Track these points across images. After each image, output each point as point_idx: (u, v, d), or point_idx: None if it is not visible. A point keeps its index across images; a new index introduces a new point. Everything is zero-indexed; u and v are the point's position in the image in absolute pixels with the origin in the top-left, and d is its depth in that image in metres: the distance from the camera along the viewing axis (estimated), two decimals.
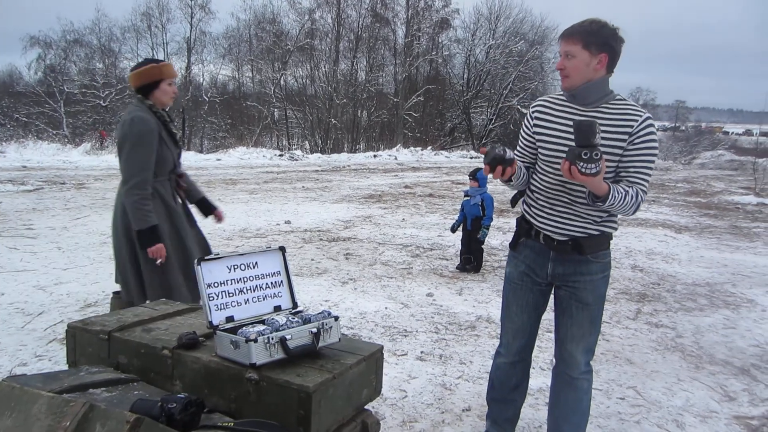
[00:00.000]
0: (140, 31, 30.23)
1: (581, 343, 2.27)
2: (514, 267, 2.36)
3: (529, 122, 2.27)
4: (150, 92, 2.92)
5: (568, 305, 2.25)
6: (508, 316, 2.42)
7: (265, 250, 1.94)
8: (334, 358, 1.73)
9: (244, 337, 1.58)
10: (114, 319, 2.03)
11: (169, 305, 2.26)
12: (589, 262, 2.19)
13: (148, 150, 2.82)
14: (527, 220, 2.30)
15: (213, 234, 7.26)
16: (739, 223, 10.42)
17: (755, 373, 3.62)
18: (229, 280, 1.82)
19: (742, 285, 5.83)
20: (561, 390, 2.36)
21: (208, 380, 1.68)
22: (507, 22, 35.30)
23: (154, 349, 1.79)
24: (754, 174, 17.95)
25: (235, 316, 1.80)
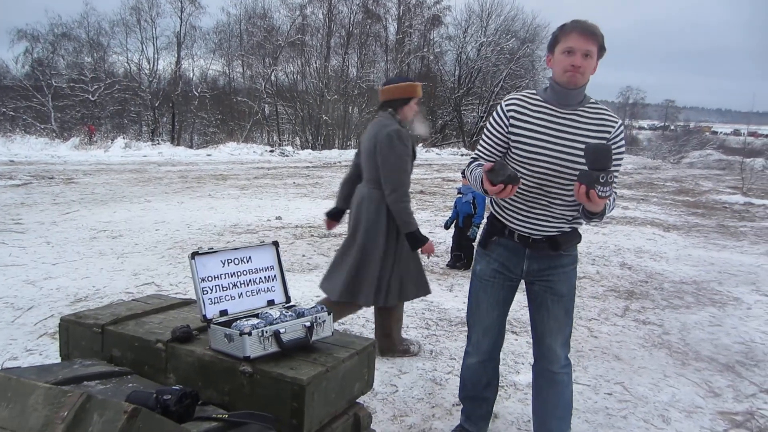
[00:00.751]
0: (129, 25, 30.01)
1: (559, 336, 2.30)
2: (486, 264, 2.34)
3: (504, 120, 2.17)
4: (399, 107, 3.18)
5: (544, 299, 2.28)
6: (477, 315, 2.41)
7: (258, 244, 1.96)
8: (327, 352, 1.75)
9: (239, 331, 1.60)
10: (107, 313, 2.04)
11: (162, 299, 2.27)
12: (561, 255, 2.24)
13: (409, 160, 3.15)
14: (499, 221, 2.28)
15: (203, 230, 7.26)
16: (726, 222, 10.54)
17: (740, 370, 3.68)
18: (222, 275, 1.83)
19: (728, 283, 5.92)
20: (543, 387, 2.39)
21: (201, 373, 1.69)
22: (498, 20, 35.42)
23: (148, 342, 1.80)
24: (741, 174, 18.14)
25: (229, 310, 1.81)
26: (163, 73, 31.54)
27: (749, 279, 6.13)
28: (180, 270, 5.35)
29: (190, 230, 7.22)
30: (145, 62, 30.66)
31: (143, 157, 18.23)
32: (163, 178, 12.78)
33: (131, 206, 8.85)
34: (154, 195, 10.12)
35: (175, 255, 5.91)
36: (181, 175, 13.69)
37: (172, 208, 8.79)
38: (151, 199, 9.59)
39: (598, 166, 1.85)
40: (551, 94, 2.14)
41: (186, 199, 9.76)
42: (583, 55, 2.02)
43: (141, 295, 4.54)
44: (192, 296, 4.35)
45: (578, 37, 2.02)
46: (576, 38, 2.02)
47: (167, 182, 12.12)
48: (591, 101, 2.17)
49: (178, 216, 8.15)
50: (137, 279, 5.03)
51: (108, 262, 5.57)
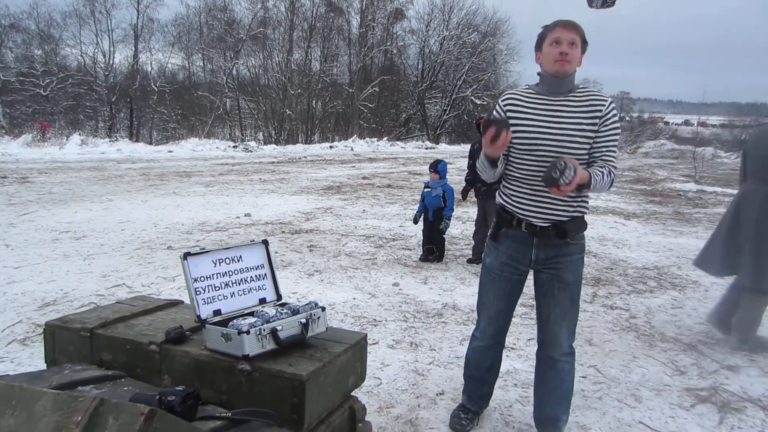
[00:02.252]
0: (83, 16, 29.03)
1: (564, 323, 2.40)
2: (496, 258, 2.45)
3: (502, 115, 2.34)
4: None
5: (550, 287, 2.38)
6: (485, 304, 2.53)
7: (248, 243, 1.97)
8: (322, 347, 1.78)
9: (237, 330, 1.61)
10: (94, 317, 2.02)
11: (147, 301, 2.26)
12: (569, 244, 2.34)
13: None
14: (508, 211, 2.39)
15: (171, 228, 7.15)
16: (681, 209, 10.95)
17: (702, 349, 3.87)
18: (214, 274, 1.84)
19: (686, 267, 6.16)
20: (544, 372, 2.50)
21: (198, 373, 1.70)
22: (460, 14, 35.80)
23: (141, 345, 1.79)
24: (693, 162, 18.81)
25: (222, 310, 1.82)
26: (120, 67, 30.67)
27: None
28: (151, 270, 5.27)
29: (158, 229, 7.10)
30: (101, 55, 29.74)
31: (101, 154, 17.75)
32: (124, 176, 12.48)
33: (93, 205, 8.63)
34: (116, 194, 9.89)
35: (144, 255, 5.81)
36: (143, 172, 13.39)
37: (137, 207, 8.62)
38: (113, 198, 9.37)
39: (548, 174, 2.07)
40: (543, 86, 2.33)
41: (150, 198, 9.57)
42: (569, 43, 2.22)
43: (113, 297, 4.47)
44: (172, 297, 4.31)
45: (562, 29, 2.23)
46: (560, 30, 2.23)
47: (129, 180, 11.84)
48: (580, 86, 2.33)
49: (143, 215, 8.00)
50: (107, 281, 4.93)
51: (74, 264, 5.44)
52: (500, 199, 2.47)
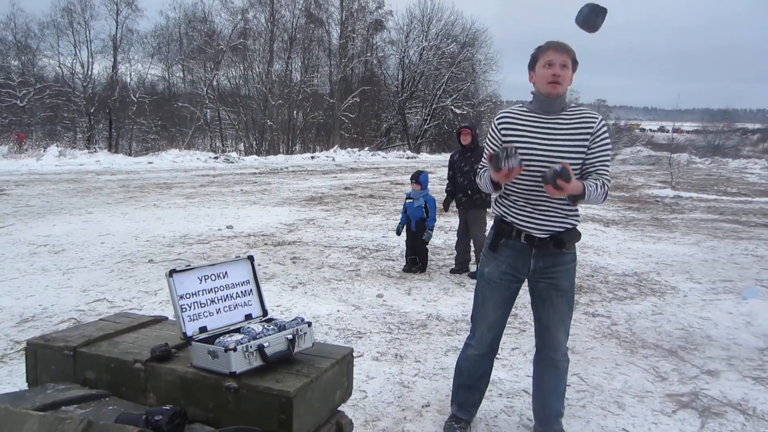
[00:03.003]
0: (61, 27, 28.67)
1: (562, 327, 2.55)
2: (495, 267, 2.53)
3: (497, 134, 2.46)
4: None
5: (548, 295, 2.49)
6: (482, 313, 2.60)
7: (234, 259, 1.97)
8: (309, 363, 1.78)
9: (223, 347, 1.61)
10: (77, 334, 1.99)
11: (131, 318, 2.24)
12: (564, 253, 2.45)
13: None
14: (507, 222, 2.48)
15: (152, 241, 7.08)
16: (659, 215, 11.15)
17: (682, 354, 3.94)
18: (200, 291, 1.83)
19: (665, 273, 6.28)
20: (544, 371, 2.63)
21: (184, 391, 1.69)
22: (439, 25, 36.15)
23: (126, 363, 1.78)
24: (670, 169, 19.16)
25: (208, 326, 1.81)
26: (99, 78, 30.32)
27: (683, 268, 6.53)
28: (132, 284, 5.21)
29: (138, 242, 7.02)
30: (79, 66, 29.39)
31: (80, 165, 17.52)
32: (104, 188, 12.34)
33: (71, 218, 8.51)
34: (95, 206, 9.77)
35: (125, 269, 5.75)
36: (123, 184, 13.25)
37: (116, 220, 8.52)
38: (92, 211, 9.25)
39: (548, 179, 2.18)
40: (536, 105, 2.43)
41: (130, 210, 9.47)
42: (561, 65, 2.33)
43: (93, 312, 4.41)
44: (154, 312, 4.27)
45: (554, 52, 2.34)
46: (553, 53, 2.34)
47: (108, 192, 11.71)
48: (572, 106, 2.44)
49: (123, 228, 7.91)
50: (87, 296, 4.86)
51: (53, 278, 5.36)
52: (498, 210, 2.55)
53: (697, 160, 34.12)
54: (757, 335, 4.38)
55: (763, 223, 10.44)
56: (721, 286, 5.80)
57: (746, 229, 9.65)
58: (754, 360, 3.90)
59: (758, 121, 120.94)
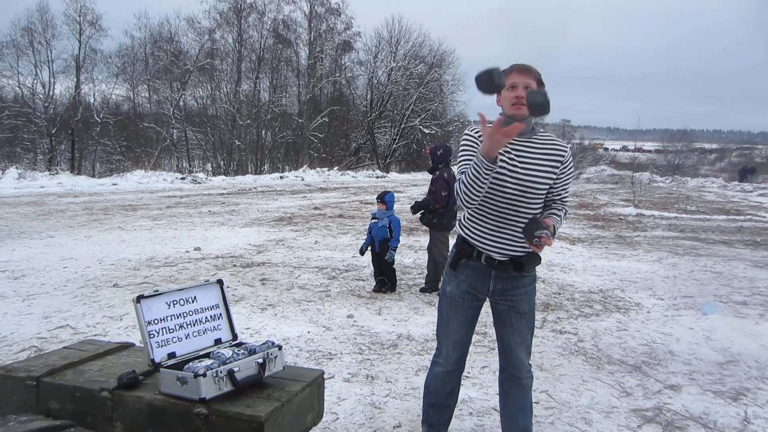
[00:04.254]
0: (21, 47, 28.01)
1: (523, 347, 2.59)
2: (456, 286, 2.56)
3: (475, 140, 2.45)
4: None
5: (508, 317, 2.54)
6: (447, 331, 2.62)
7: (203, 284, 1.96)
8: (280, 387, 1.78)
9: (193, 373, 1.60)
10: (40, 364, 1.95)
11: (97, 345, 2.20)
12: (523, 276, 2.50)
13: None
14: (469, 243, 2.52)
15: (117, 265, 6.93)
16: (623, 233, 11.43)
17: (646, 369, 4.04)
18: (168, 316, 1.82)
19: (629, 290, 6.43)
20: (510, 390, 2.65)
21: (152, 419, 1.67)
22: (407, 46, 36.64)
23: (92, 392, 1.75)
24: (632, 187, 19.70)
25: (177, 352, 1.80)
26: (61, 98, 29.64)
27: (646, 285, 6.70)
28: (96, 310, 5.09)
29: (103, 266, 6.87)
30: (40, 86, 28.73)
31: (40, 188, 17.06)
32: (66, 211, 12.04)
33: (32, 242, 8.28)
34: (57, 229, 9.52)
35: (89, 294, 5.61)
36: (86, 206, 12.96)
37: (80, 243, 8.32)
38: (54, 234, 9.01)
39: (528, 234, 2.26)
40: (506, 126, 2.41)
41: (94, 233, 9.26)
42: (524, 87, 2.35)
43: (56, 339, 4.29)
44: (119, 337, 4.18)
45: (518, 74, 2.38)
46: (516, 75, 2.37)
47: (71, 215, 11.43)
48: (540, 131, 2.50)
49: (86, 251, 7.72)
50: (49, 322, 4.72)
51: (12, 305, 5.19)
52: (461, 230, 2.58)
53: (658, 178, 35.17)
54: (717, 350, 4.52)
55: (721, 240, 10.80)
56: (682, 302, 5.97)
57: (705, 246, 9.96)
58: (713, 374, 4.02)
59: (714, 141, 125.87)
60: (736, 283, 7.00)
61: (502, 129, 2.11)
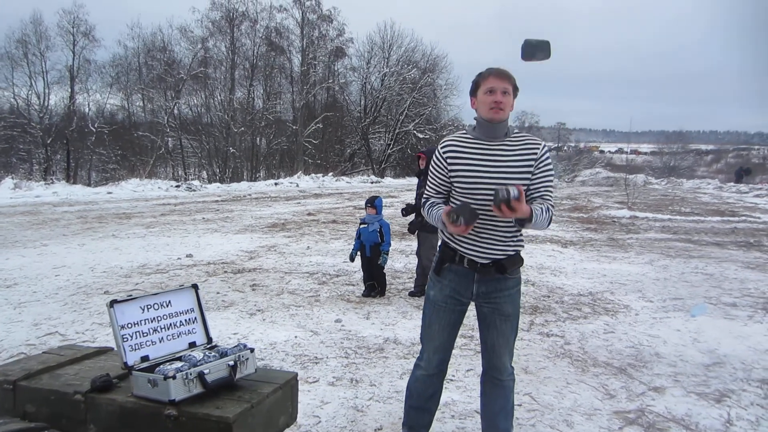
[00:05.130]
0: (15, 59, 28.07)
1: (506, 349, 2.60)
2: (439, 291, 2.59)
3: (442, 162, 2.50)
4: None
5: (492, 320, 2.55)
6: (429, 335, 2.65)
7: (177, 288, 1.99)
8: (251, 389, 1.81)
9: (163, 375, 1.63)
10: (18, 368, 1.98)
11: (75, 350, 2.22)
12: (507, 278, 2.52)
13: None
14: (451, 247, 2.54)
15: (109, 272, 6.94)
16: (615, 235, 11.47)
17: (631, 372, 4.06)
18: (142, 320, 1.85)
19: (618, 292, 6.47)
20: (491, 391, 2.67)
21: (124, 421, 1.70)
22: (400, 51, 36.82)
23: (66, 395, 1.77)
24: (626, 189, 19.76)
25: (150, 355, 1.83)
26: (56, 109, 29.72)
27: (636, 287, 6.74)
28: (86, 317, 5.10)
29: (95, 273, 6.88)
30: (35, 97, 28.77)
31: (36, 197, 17.06)
32: (60, 220, 12.04)
33: (25, 251, 8.29)
34: (50, 238, 9.53)
35: (79, 301, 5.62)
36: (80, 215, 12.96)
37: (72, 251, 8.33)
38: (47, 243, 9.02)
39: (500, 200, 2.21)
40: (480, 131, 2.49)
41: (87, 241, 9.27)
42: (502, 92, 2.40)
43: (44, 346, 4.30)
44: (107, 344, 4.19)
45: (495, 79, 2.41)
46: (494, 80, 2.41)
47: (65, 224, 11.43)
48: (515, 131, 2.52)
49: (79, 259, 7.74)
50: (38, 329, 4.74)
51: (3, 313, 5.21)
52: (443, 236, 2.61)
53: (653, 180, 35.29)
54: (703, 351, 4.55)
55: (714, 242, 10.84)
56: (672, 304, 6.00)
57: (697, 248, 10.00)
58: (698, 376, 4.04)
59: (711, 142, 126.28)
60: (726, 284, 7.04)
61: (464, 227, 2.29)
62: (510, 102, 2.44)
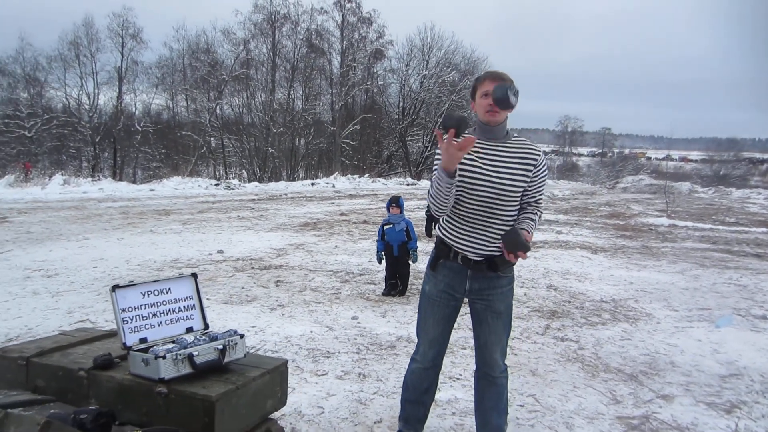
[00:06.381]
0: (68, 60, 29.47)
1: (498, 347, 2.66)
2: (434, 285, 2.68)
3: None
4: None
5: (485, 316, 2.63)
6: (424, 329, 2.74)
7: (177, 276, 2.13)
8: (239, 372, 1.93)
9: (154, 355, 1.77)
10: (33, 346, 2.16)
11: (88, 332, 2.39)
12: (500, 276, 2.59)
13: None
14: (446, 243, 2.63)
15: (143, 265, 7.25)
16: (650, 243, 11.23)
17: (642, 379, 4.03)
18: (142, 305, 1.99)
19: (643, 300, 6.37)
20: (484, 389, 2.74)
21: (121, 396, 1.84)
22: (439, 53, 36.80)
23: (71, 371, 1.93)
24: (666, 197, 19.28)
25: (149, 338, 1.97)
26: (104, 108, 31.07)
27: (662, 296, 6.62)
28: None
29: (129, 266, 7.20)
30: (85, 97, 30.11)
31: (83, 193, 17.82)
32: (103, 215, 12.57)
33: (68, 244, 8.71)
34: (92, 232, 9.98)
35: None
36: (122, 211, 13.50)
37: (112, 245, 8.71)
38: (89, 237, 9.45)
39: (508, 245, 2.41)
40: (480, 133, 2.57)
41: (126, 236, 9.67)
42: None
43: None
44: None
45: (491, 82, 2.47)
46: (490, 83, 2.47)
47: (107, 219, 11.93)
48: (515, 135, 2.61)
49: (117, 252, 8.09)
50: (71, 317, 5.02)
51: (42, 301, 5.53)
52: (440, 232, 2.70)
53: (699, 189, 34.22)
54: (721, 362, 4.46)
55: (754, 253, 10.49)
56: (697, 314, 5.87)
57: (735, 259, 9.71)
58: (712, 386, 3.97)
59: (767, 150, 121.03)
60: (759, 296, 6.83)
61: (457, 143, 2.21)
62: None
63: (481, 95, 2.51)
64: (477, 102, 2.54)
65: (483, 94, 2.49)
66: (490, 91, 2.46)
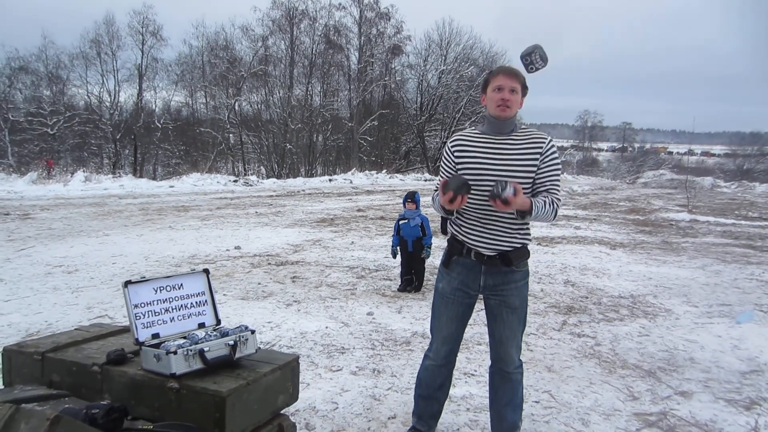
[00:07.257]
0: (89, 58, 29.95)
1: (513, 342, 2.65)
2: (448, 283, 2.67)
3: (450, 156, 2.61)
4: None
5: (499, 312, 2.61)
6: (438, 326, 2.73)
7: (190, 272, 2.15)
8: (250, 368, 1.94)
9: (165, 350, 1.78)
10: (49, 342, 2.19)
11: (102, 327, 2.42)
12: (514, 271, 2.57)
13: None
14: (459, 240, 2.61)
15: (161, 261, 7.33)
16: (670, 238, 11.05)
17: (660, 375, 3.97)
18: (155, 301, 2.01)
19: (662, 296, 6.27)
20: (499, 384, 2.73)
21: (133, 391, 1.86)
22: (457, 49, 36.58)
23: (85, 366, 1.96)
24: (687, 192, 18.98)
25: (161, 333, 1.99)
26: (125, 105, 31.53)
27: (682, 291, 6.51)
28: None
29: (148, 262, 7.29)
30: (106, 95, 30.57)
31: (104, 190, 18.09)
32: (124, 211, 12.75)
33: (89, 240, 8.84)
34: (113, 228, 10.12)
35: None
36: (142, 207, 13.67)
37: (131, 241, 8.83)
38: (109, 233, 9.59)
39: (492, 194, 2.29)
40: (488, 126, 2.58)
41: (146, 232, 9.79)
42: (510, 90, 2.47)
43: None
44: None
45: (504, 77, 2.48)
46: (503, 78, 2.48)
47: (127, 215, 12.10)
48: (522, 127, 2.59)
49: (136, 249, 8.20)
50: (90, 312, 5.10)
51: (62, 296, 5.62)
52: (452, 228, 2.69)
53: (722, 183, 33.61)
54: (742, 359, 4.37)
55: None
56: (717, 310, 5.77)
57: (758, 254, 9.51)
58: (732, 383, 3.90)
59: None
60: None
61: (452, 204, 2.35)
62: (518, 100, 2.51)
63: (493, 89, 2.50)
64: (488, 96, 2.53)
65: (496, 88, 2.49)
66: (502, 85, 2.47)
